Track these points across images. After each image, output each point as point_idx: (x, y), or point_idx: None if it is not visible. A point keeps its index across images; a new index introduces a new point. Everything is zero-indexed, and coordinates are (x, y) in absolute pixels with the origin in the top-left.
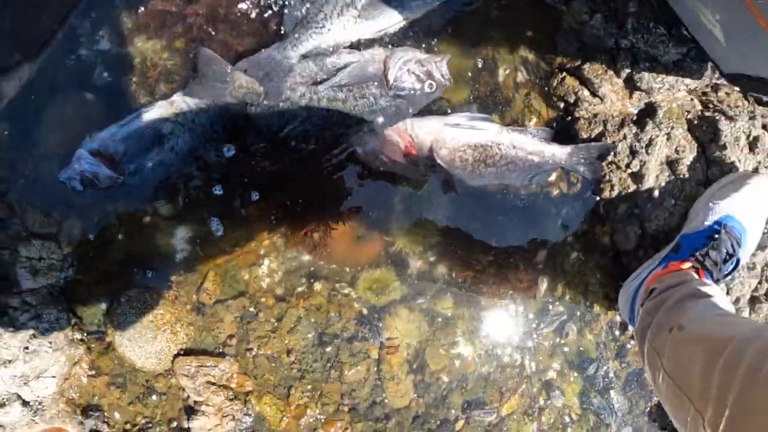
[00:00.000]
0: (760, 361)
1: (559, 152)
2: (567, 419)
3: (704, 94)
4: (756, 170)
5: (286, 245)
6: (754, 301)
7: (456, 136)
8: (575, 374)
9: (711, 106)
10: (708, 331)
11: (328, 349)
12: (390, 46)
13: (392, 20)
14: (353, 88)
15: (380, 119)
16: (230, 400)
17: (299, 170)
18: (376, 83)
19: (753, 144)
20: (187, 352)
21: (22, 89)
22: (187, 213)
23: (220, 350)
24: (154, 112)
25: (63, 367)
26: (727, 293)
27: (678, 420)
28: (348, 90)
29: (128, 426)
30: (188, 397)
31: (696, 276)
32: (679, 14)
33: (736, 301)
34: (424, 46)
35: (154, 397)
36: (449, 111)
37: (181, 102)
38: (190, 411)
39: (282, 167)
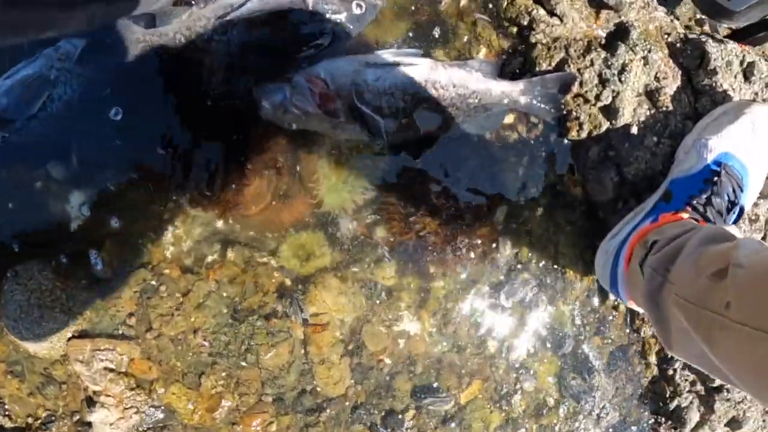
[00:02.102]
0: None
1: (509, 88)
2: (542, 405)
3: (687, 28)
4: (754, 101)
5: (194, 208)
6: None
7: (381, 77)
8: (549, 353)
9: (696, 31)
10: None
11: (243, 328)
12: None
13: None
14: (268, 18)
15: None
16: (132, 390)
17: (205, 123)
18: (293, 10)
19: (748, 71)
20: (82, 335)
21: None
22: (83, 174)
23: (119, 331)
24: (38, 61)
25: None
26: None
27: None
28: (261, 23)
29: (30, 420)
30: (87, 386)
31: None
32: None
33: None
34: None
35: (53, 387)
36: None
37: (67, 46)
38: (91, 402)
39: (186, 118)
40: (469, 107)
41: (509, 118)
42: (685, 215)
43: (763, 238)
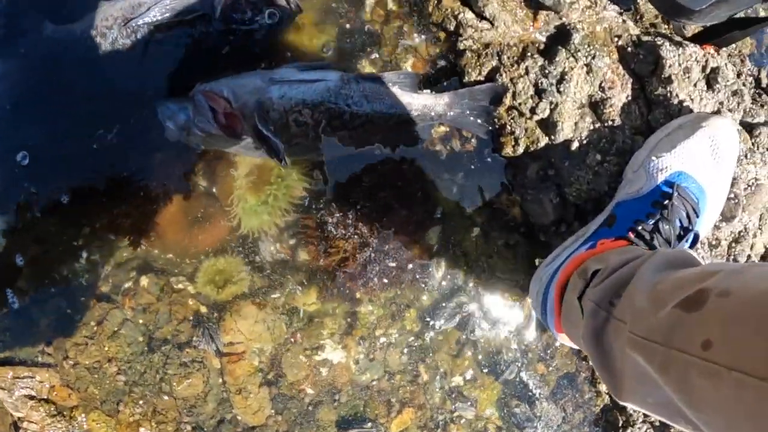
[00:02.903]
0: None
1: (433, 102)
2: None
3: (652, 25)
4: (718, 113)
5: (108, 233)
6: None
7: (286, 94)
8: (490, 379)
9: (652, 32)
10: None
11: (156, 357)
12: None
13: None
14: (173, 26)
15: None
16: (53, 417)
17: (113, 141)
18: (200, 17)
19: (711, 78)
20: (3, 362)
21: None
22: None
23: (38, 359)
24: None
25: None
26: None
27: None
28: (167, 29)
29: None
30: (10, 413)
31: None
32: None
33: None
34: None
35: None
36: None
37: None
38: (17, 427)
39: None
40: (387, 122)
41: (440, 132)
42: (627, 242)
43: None
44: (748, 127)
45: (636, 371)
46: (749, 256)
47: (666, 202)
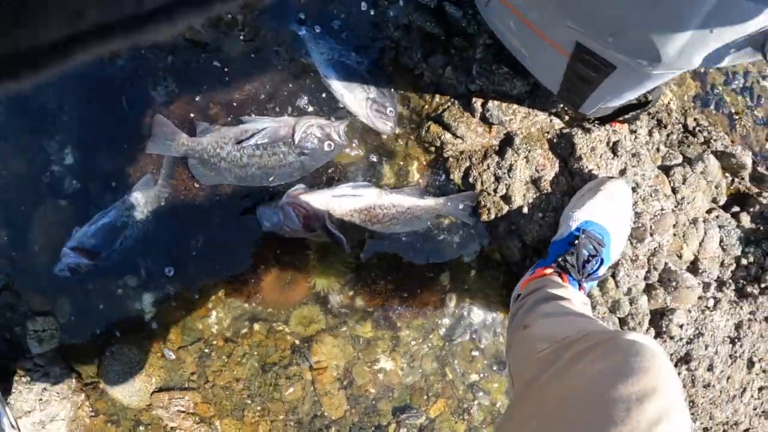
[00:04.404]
0: (560, 356)
1: (433, 204)
2: (497, 415)
3: (584, 118)
4: (624, 171)
5: (228, 298)
6: (649, 288)
7: (343, 205)
8: (497, 375)
9: (574, 123)
10: (544, 330)
11: (269, 376)
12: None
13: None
14: (267, 147)
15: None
16: (197, 424)
17: (229, 234)
18: (285, 143)
19: (615, 149)
20: (161, 389)
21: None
22: (149, 282)
23: (186, 385)
24: (113, 212)
25: (70, 412)
26: (616, 287)
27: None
28: (263, 148)
29: None
30: (167, 425)
31: (558, 279)
32: (506, 45)
33: (629, 291)
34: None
35: (141, 428)
36: (347, 170)
37: (131, 199)
38: None
39: (215, 228)
40: (405, 218)
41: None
42: (550, 270)
43: (648, 272)
44: (666, 170)
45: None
46: (666, 263)
47: (576, 241)
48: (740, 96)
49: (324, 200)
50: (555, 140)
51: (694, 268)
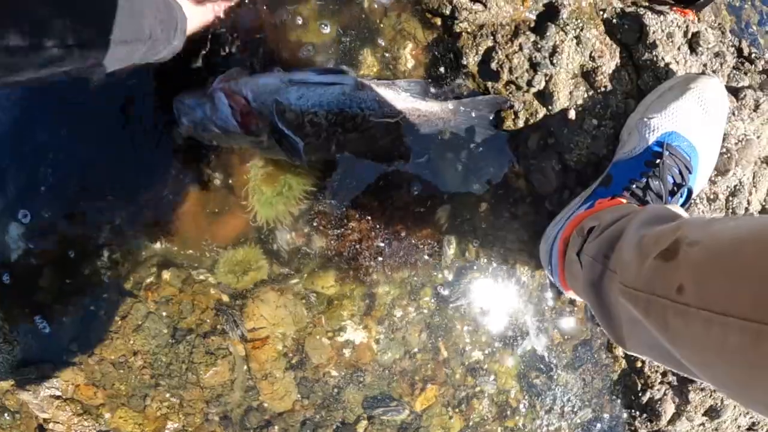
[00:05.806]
0: None
1: (439, 109)
2: (505, 406)
3: (634, 3)
4: (703, 74)
5: (128, 230)
6: None
7: (304, 95)
8: (507, 352)
9: (633, 4)
10: (732, 236)
11: (182, 347)
12: None
13: None
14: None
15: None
16: (79, 416)
17: (127, 139)
18: None
19: (694, 42)
20: (27, 362)
21: None
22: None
23: (64, 358)
24: None
25: None
26: None
27: (712, 354)
28: None
29: None
30: (36, 415)
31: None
32: None
33: None
34: None
35: (7, 417)
36: (314, 55)
37: None
38: (42, 430)
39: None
40: (396, 126)
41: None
42: (623, 200)
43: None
44: (733, 91)
45: (629, 317)
46: (746, 209)
47: (657, 161)
48: None
49: (274, 87)
50: (615, 21)
51: None
